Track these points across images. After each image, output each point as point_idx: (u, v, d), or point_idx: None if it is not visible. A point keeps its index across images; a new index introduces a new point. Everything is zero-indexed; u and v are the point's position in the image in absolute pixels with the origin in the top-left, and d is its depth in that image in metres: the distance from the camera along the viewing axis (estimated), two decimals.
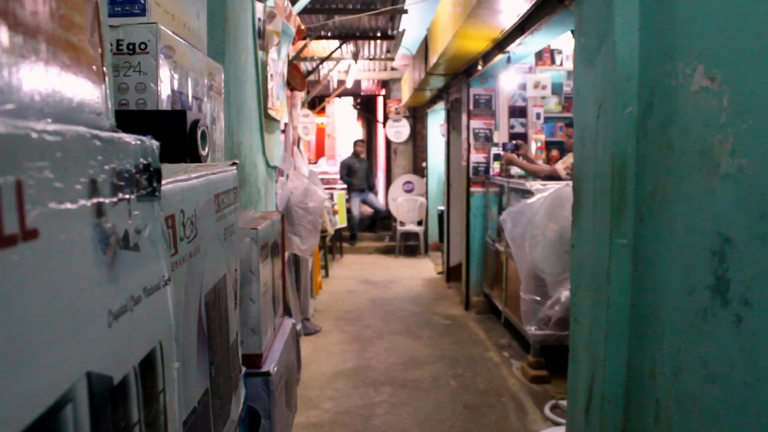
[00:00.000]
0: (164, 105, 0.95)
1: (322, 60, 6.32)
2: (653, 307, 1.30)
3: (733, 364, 1.01)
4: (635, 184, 1.37)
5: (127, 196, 0.41)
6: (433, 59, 4.98)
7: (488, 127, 5.34)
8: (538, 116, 5.54)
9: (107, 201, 0.38)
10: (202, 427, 0.67)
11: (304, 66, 6.79)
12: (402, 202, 8.64)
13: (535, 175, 4.52)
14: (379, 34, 5.81)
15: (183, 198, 0.61)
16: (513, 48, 3.76)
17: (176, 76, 0.99)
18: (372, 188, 9.08)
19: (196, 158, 0.93)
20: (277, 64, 3.20)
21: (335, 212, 7.53)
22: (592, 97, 1.51)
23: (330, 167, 11.65)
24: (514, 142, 4.91)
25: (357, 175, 8.84)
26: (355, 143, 9.04)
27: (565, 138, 4.65)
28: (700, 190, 1.12)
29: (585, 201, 1.58)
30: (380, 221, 9.41)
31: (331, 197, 7.77)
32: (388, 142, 9.67)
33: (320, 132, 13.10)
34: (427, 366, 4.02)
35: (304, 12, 4.75)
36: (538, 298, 3.59)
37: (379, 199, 9.59)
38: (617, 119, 1.38)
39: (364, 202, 8.96)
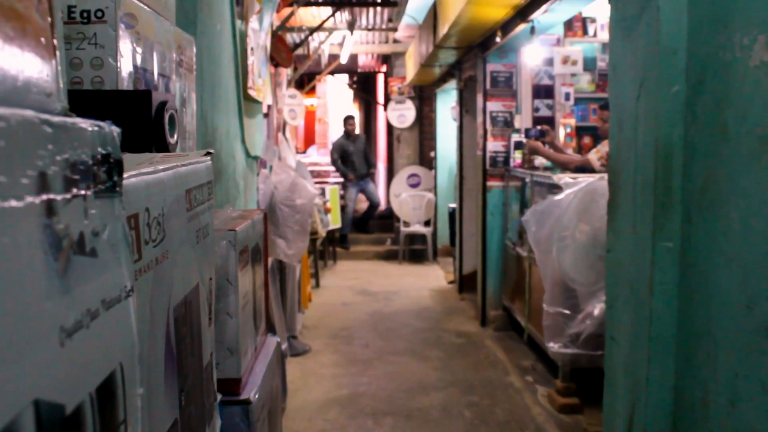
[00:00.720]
0: (125, 84, 0.95)
1: (312, 30, 6.32)
2: (705, 323, 1.30)
3: None
4: (683, 177, 1.37)
5: (82, 192, 0.41)
6: (443, 30, 4.98)
7: (508, 110, 5.34)
8: (567, 97, 5.54)
9: (59, 198, 0.38)
10: None
11: (291, 38, 6.79)
12: (406, 198, 8.64)
13: (563, 167, 4.52)
14: (379, 0, 5.81)
15: (148, 194, 0.61)
16: (538, 16, 3.76)
17: (139, 50, 0.99)
18: (371, 171, 8.76)
19: (164, 147, 0.93)
20: (258, 35, 3.20)
21: (327, 211, 7.53)
22: (632, 74, 1.51)
23: (321, 157, 11.66)
24: (539, 127, 4.91)
25: (353, 158, 8.56)
26: (346, 120, 8.83)
27: (600, 122, 4.65)
28: (761, 183, 1.12)
29: (623, 197, 1.58)
30: (373, 220, 9.24)
31: (323, 193, 7.77)
32: (390, 128, 9.68)
33: (309, 116, 13.12)
34: (436, 393, 4.02)
35: None
36: (567, 312, 3.59)
37: (379, 191, 9.43)
38: (661, 100, 1.38)
39: (363, 192, 8.75)
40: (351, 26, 6.55)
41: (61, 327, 0.37)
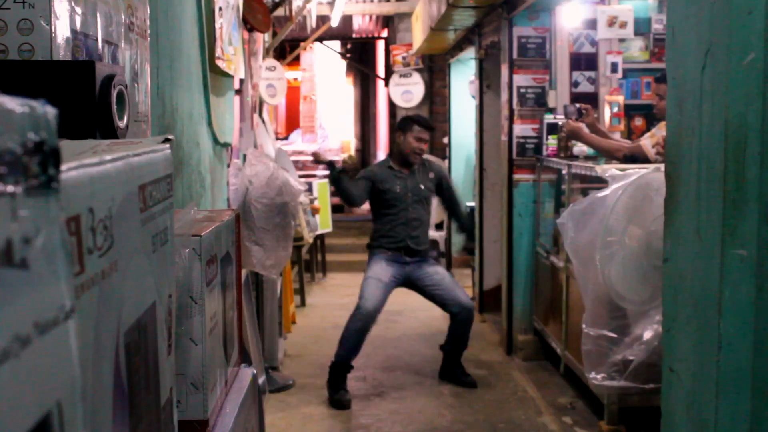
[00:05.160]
0: (61, 53, 0.94)
1: None
2: None
3: None
4: (760, 168, 1.36)
5: (9, 189, 0.41)
6: None
7: (540, 85, 5.33)
8: (614, 68, 5.54)
9: None
10: None
11: None
12: None
13: (610, 155, 4.51)
14: None
15: (92, 191, 0.61)
16: None
17: (79, 10, 0.99)
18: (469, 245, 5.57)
19: (111, 132, 0.93)
20: None
21: (315, 211, 7.54)
22: (696, 39, 1.50)
23: (307, 144, 11.68)
24: (577, 105, 4.90)
25: (401, 209, 4.96)
26: (405, 125, 5.09)
27: (656, 99, 4.62)
28: None
29: (684, 193, 1.58)
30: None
31: (309, 189, 7.78)
32: (393, 108, 9.69)
33: (293, 93, 13.14)
34: None
35: None
36: (613, 335, 3.59)
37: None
38: (733, 71, 1.38)
39: (421, 292, 5.05)
40: None
41: None
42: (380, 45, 12.01)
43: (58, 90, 0.88)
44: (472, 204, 7.19)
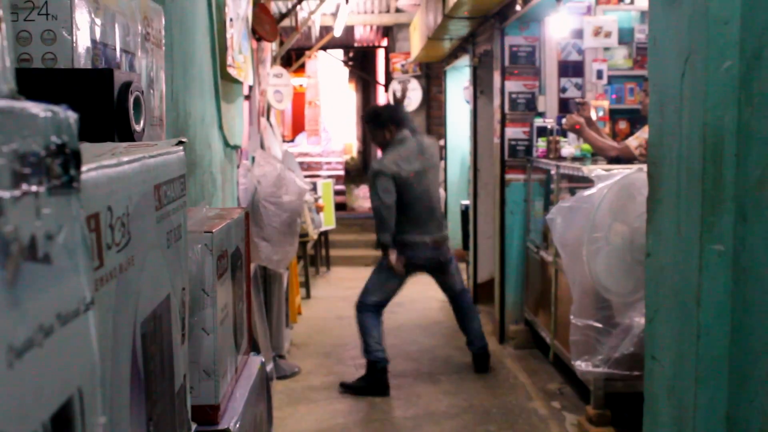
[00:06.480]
0: (82, 61, 0.95)
1: None
2: (764, 340, 1.30)
3: None
4: (736, 168, 1.36)
5: (33, 189, 0.41)
6: None
7: (530, 91, 5.32)
8: (599, 75, 5.53)
9: (6, 195, 0.38)
10: None
11: (276, 6, 6.80)
12: None
13: (602, 153, 4.49)
14: None
15: (111, 190, 0.61)
16: None
17: (98, 21, 0.99)
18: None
19: (128, 135, 0.93)
20: (238, 4, 3.21)
21: (319, 209, 7.53)
22: (676, 48, 1.50)
23: (312, 146, 11.68)
24: (576, 99, 4.87)
25: (420, 196, 4.50)
26: (378, 117, 4.68)
27: (643, 95, 4.57)
28: None
29: (665, 192, 1.58)
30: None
31: (314, 188, 7.77)
32: None
33: (298, 98, 13.13)
34: (447, 421, 4.02)
35: None
36: (599, 325, 3.60)
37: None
38: (710, 78, 1.38)
39: (443, 287, 4.84)
40: None
41: (9, 346, 0.37)
42: (380, 53, 12.01)
43: (79, 96, 0.88)
44: (467, 202, 7.19)
